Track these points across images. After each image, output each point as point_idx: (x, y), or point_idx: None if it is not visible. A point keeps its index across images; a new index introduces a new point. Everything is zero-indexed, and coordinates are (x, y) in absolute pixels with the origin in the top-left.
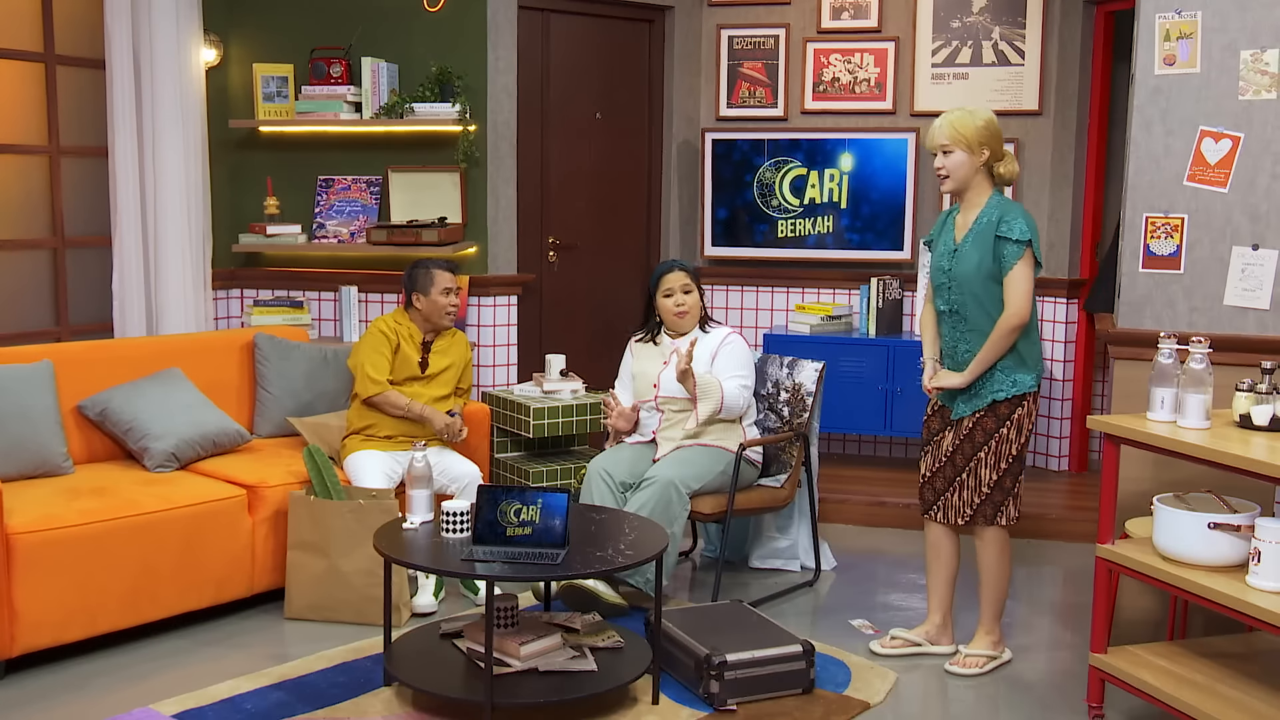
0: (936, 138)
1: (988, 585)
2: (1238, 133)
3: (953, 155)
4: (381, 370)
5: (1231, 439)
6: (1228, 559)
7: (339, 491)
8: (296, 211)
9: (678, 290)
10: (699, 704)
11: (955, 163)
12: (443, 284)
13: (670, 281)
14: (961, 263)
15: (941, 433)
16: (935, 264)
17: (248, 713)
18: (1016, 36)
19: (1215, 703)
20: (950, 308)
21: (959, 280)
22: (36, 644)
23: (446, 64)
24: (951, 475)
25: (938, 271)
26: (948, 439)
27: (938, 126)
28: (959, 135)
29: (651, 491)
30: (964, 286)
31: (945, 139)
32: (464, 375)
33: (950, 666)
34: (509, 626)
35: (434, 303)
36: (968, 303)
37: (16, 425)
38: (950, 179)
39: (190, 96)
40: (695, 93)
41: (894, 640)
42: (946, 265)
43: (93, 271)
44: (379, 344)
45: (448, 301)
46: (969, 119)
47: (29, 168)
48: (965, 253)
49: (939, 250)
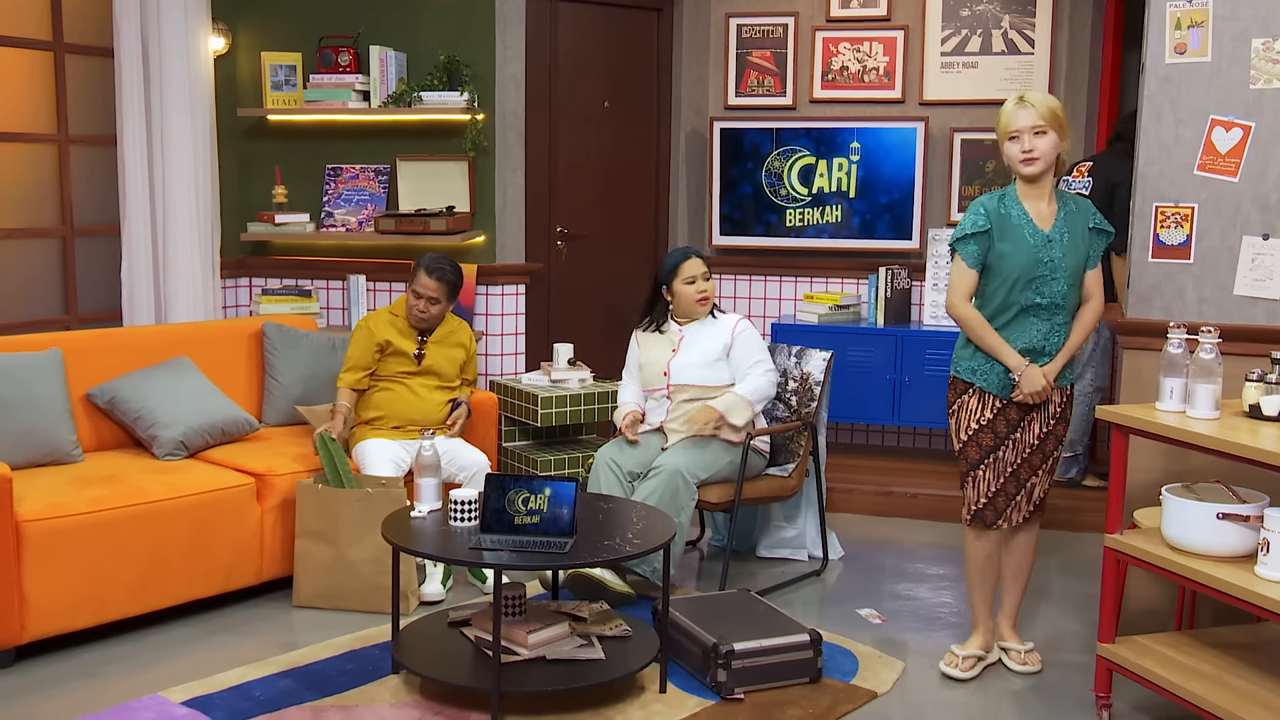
0: (1029, 118)
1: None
2: (1248, 122)
3: (1046, 137)
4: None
5: (1241, 429)
6: (1236, 549)
7: (350, 479)
8: (305, 200)
9: (700, 277)
10: (706, 693)
11: (1048, 145)
12: (416, 284)
13: (691, 269)
14: (1068, 253)
15: (1013, 433)
16: (1028, 257)
17: (256, 700)
18: (1026, 25)
19: (1223, 693)
20: (1050, 300)
21: (1064, 271)
22: (46, 631)
23: (455, 53)
24: (1037, 465)
25: (1035, 264)
26: (1030, 433)
27: (1032, 105)
28: (1055, 116)
29: (659, 481)
30: (1068, 277)
31: (1041, 119)
32: (468, 366)
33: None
34: (517, 615)
35: (408, 300)
36: (1069, 293)
37: (26, 413)
38: (1040, 160)
39: (198, 85)
40: (704, 81)
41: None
42: (1046, 257)
43: (101, 260)
44: (362, 340)
45: (416, 305)
46: (1057, 102)
47: (38, 156)
48: (1068, 242)
49: (1024, 242)
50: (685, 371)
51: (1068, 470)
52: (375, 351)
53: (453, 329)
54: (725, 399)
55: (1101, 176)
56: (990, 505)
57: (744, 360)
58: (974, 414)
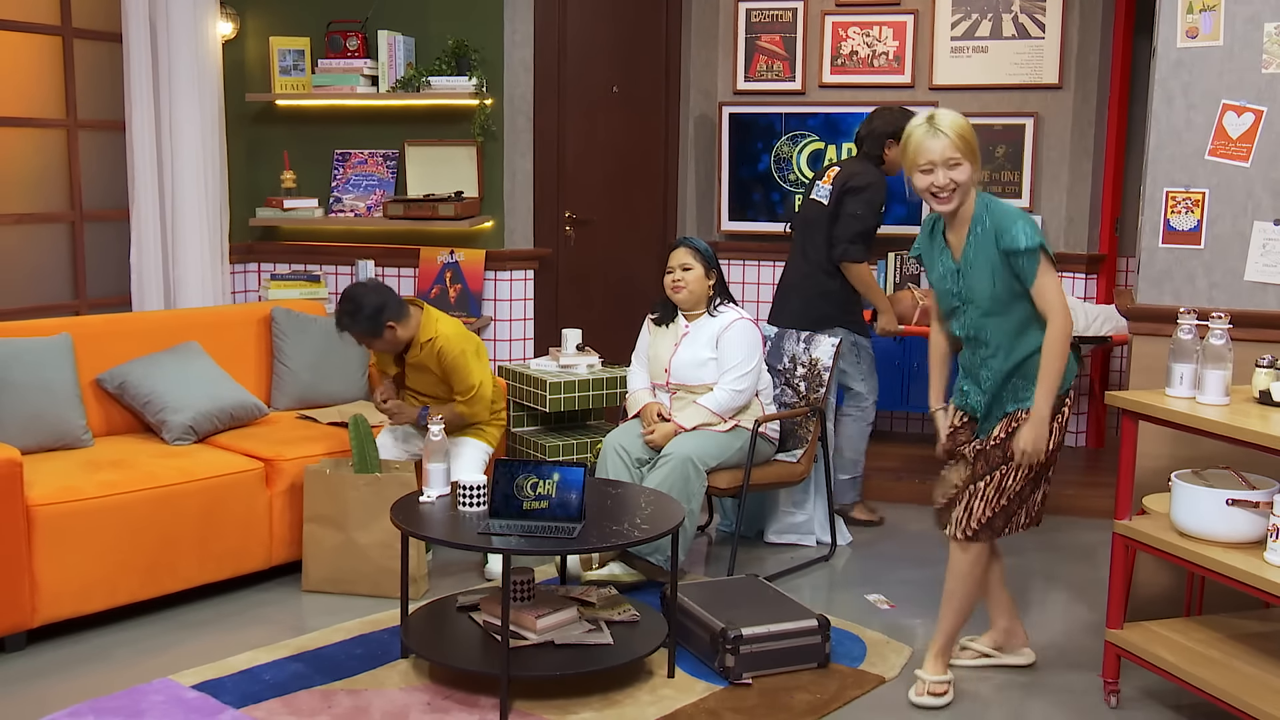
0: (941, 148)
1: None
2: (1260, 106)
3: (960, 168)
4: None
5: (1251, 415)
6: (1246, 535)
7: (376, 466)
8: (313, 185)
9: (677, 268)
10: (714, 678)
11: (963, 177)
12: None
13: (672, 259)
14: (971, 284)
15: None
16: (939, 287)
17: (266, 683)
18: (1037, 9)
19: (1232, 679)
20: (968, 333)
21: (973, 303)
22: (57, 615)
23: (463, 37)
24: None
25: (946, 295)
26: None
27: (944, 133)
28: (969, 144)
29: (670, 468)
30: (980, 308)
31: (955, 150)
32: (448, 379)
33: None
34: (525, 600)
35: None
36: (987, 326)
37: (36, 398)
38: (955, 197)
39: (207, 70)
40: (712, 66)
41: (965, 651)
42: (954, 288)
43: (111, 245)
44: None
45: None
46: (967, 123)
47: (47, 141)
48: (972, 273)
49: (938, 272)
50: (681, 371)
51: (843, 495)
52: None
53: (420, 355)
54: (689, 411)
55: (839, 181)
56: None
57: (724, 363)
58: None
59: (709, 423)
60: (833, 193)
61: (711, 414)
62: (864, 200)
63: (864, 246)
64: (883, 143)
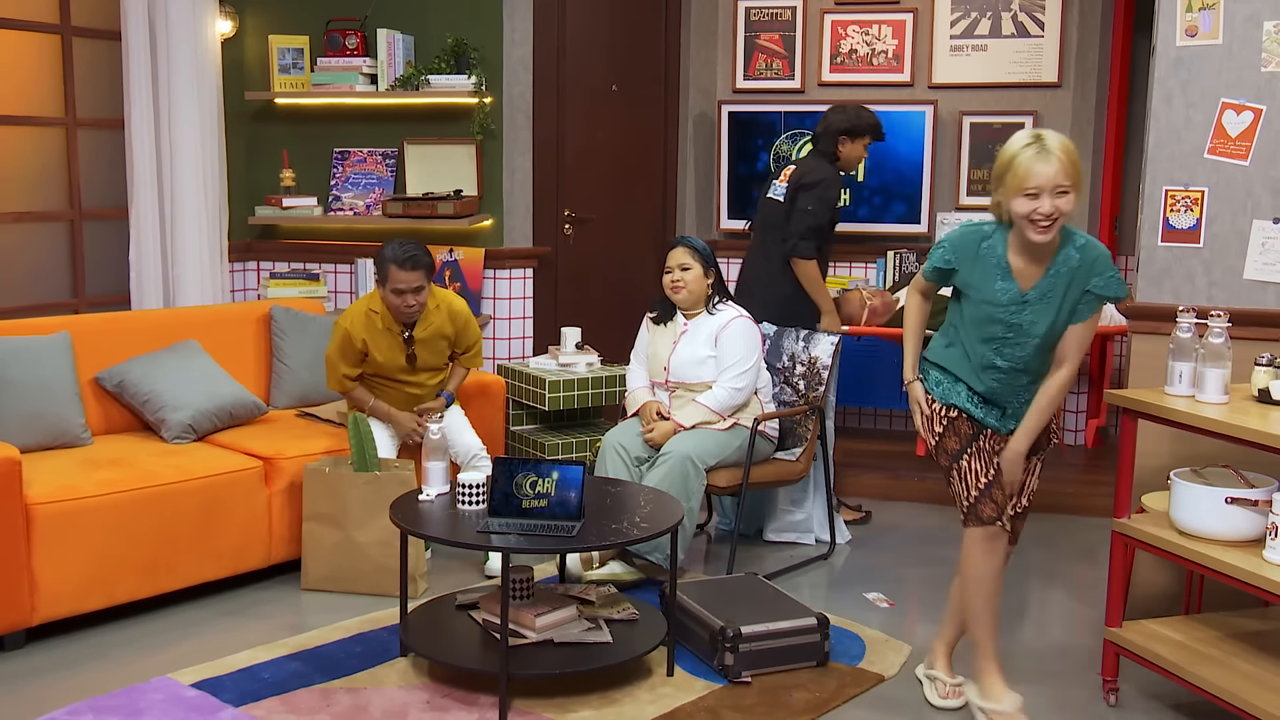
0: (1053, 174)
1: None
2: (1260, 105)
3: (1066, 197)
4: (353, 368)
5: (1250, 414)
6: (1245, 533)
7: (375, 464)
8: (312, 184)
9: (675, 268)
10: (714, 676)
11: (1069, 207)
12: (394, 284)
13: (670, 259)
14: (1036, 318)
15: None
16: (988, 313)
17: (265, 682)
18: (1036, 7)
19: (1231, 677)
20: (1012, 364)
21: (1032, 337)
22: (56, 613)
23: (462, 36)
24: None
25: (994, 323)
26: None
27: (1057, 158)
28: (1078, 171)
29: (669, 467)
30: (1036, 341)
31: (1065, 178)
32: (460, 339)
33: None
34: (524, 598)
35: (389, 300)
36: (1032, 359)
37: (35, 396)
38: (1055, 227)
39: (206, 68)
40: (712, 65)
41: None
42: (1011, 318)
43: (110, 243)
44: (345, 346)
45: (401, 302)
46: (1074, 147)
47: (46, 140)
48: (1042, 307)
49: (992, 294)
50: (680, 369)
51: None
52: (358, 356)
53: (435, 322)
54: (688, 409)
55: (794, 179)
56: (986, 497)
57: (723, 361)
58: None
59: (708, 421)
60: (788, 190)
61: (710, 412)
62: (815, 196)
63: (814, 244)
64: (837, 139)
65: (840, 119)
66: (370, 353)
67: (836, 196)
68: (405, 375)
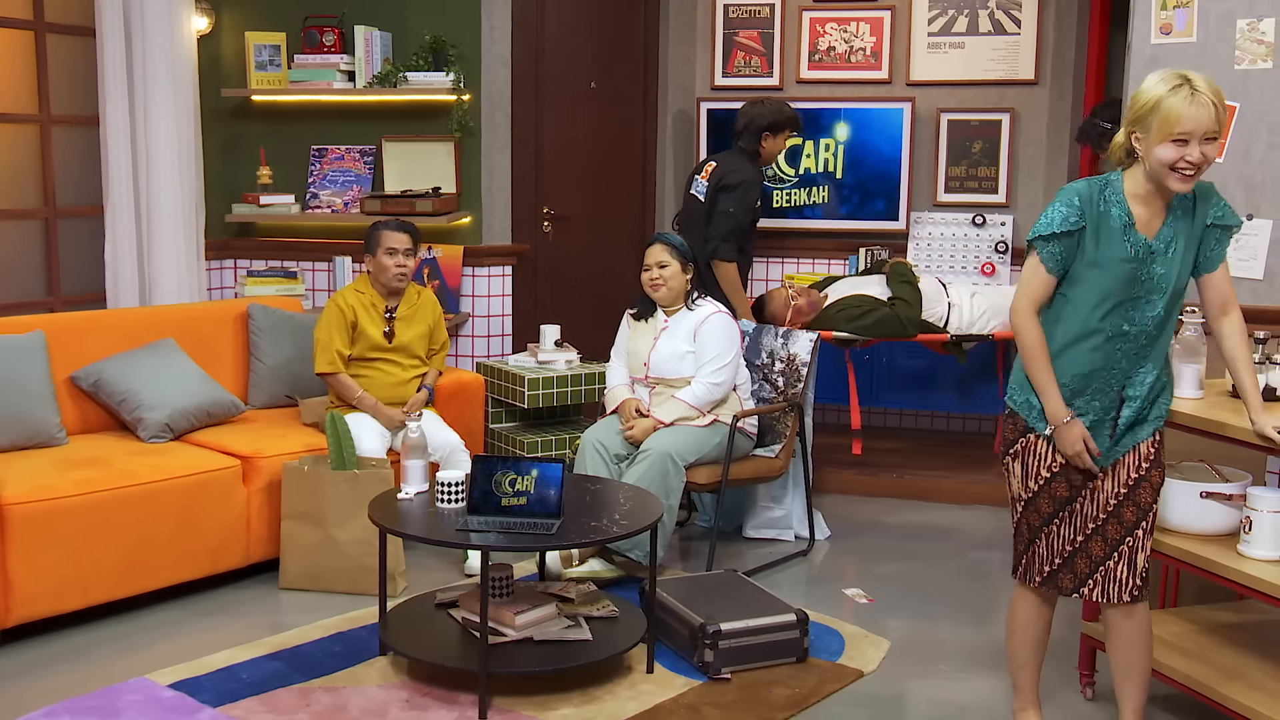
0: (1207, 119)
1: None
2: (1233, 102)
3: (1213, 144)
4: (345, 345)
5: (1224, 409)
6: (1219, 528)
7: (353, 462)
8: (290, 181)
9: (654, 265)
10: (693, 673)
11: (1215, 153)
12: (387, 244)
13: (648, 256)
14: (1167, 269)
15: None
16: (1122, 271)
17: (244, 682)
18: (1013, 5)
19: (1206, 670)
20: (1138, 328)
21: (1162, 292)
22: (32, 614)
23: (440, 33)
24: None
25: (1131, 282)
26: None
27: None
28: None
29: (648, 464)
30: (1166, 300)
31: (1215, 123)
32: (434, 334)
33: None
34: (504, 596)
35: (380, 264)
36: (1162, 321)
37: (9, 396)
38: (1199, 174)
39: (182, 65)
40: (690, 62)
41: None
42: (1141, 273)
43: (85, 241)
44: (337, 320)
45: (393, 262)
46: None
47: (20, 137)
48: (1170, 256)
49: (1122, 250)
50: (660, 365)
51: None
52: (349, 330)
53: (417, 305)
54: (668, 405)
55: (715, 178)
56: (1067, 568)
57: (701, 356)
58: (1044, 459)
59: (687, 417)
60: (708, 189)
61: (690, 408)
62: (736, 198)
63: (735, 245)
64: (760, 135)
65: (763, 114)
66: (359, 325)
67: (757, 197)
68: (384, 355)
